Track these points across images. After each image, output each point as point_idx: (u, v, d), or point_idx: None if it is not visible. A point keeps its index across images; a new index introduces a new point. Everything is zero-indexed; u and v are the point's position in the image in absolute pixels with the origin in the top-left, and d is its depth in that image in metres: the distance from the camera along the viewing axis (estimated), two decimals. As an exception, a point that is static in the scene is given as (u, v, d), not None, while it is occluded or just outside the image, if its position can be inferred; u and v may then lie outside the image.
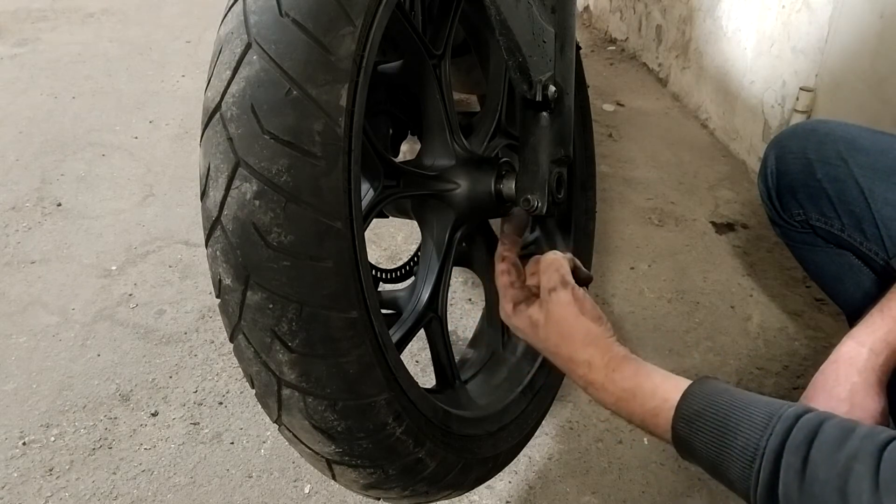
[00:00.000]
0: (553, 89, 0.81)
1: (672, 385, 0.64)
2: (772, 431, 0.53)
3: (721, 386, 0.61)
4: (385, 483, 0.69)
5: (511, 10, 0.74)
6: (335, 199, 0.57)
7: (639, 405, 0.65)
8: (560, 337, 0.72)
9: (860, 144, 0.89)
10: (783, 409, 0.55)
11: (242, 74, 0.56)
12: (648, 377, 0.66)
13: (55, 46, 2.74)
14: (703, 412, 0.59)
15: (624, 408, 0.67)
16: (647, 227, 1.71)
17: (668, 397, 0.62)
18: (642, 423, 0.65)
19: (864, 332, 0.74)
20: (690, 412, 0.60)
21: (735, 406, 0.57)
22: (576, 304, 0.72)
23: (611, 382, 0.67)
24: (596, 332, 0.71)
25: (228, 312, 0.61)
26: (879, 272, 0.89)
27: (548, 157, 0.83)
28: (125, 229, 1.66)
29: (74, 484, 1.06)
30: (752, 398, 0.58)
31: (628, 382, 0.66)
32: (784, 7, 1.77)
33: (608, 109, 2.34)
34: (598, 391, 0.69)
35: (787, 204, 0.97)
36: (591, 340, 0.70)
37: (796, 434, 0.52)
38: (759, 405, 0.57)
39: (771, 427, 0.54)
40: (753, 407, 0.57)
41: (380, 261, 1.57)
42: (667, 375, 0.66)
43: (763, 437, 0.54)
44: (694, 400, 0.61)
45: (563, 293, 0.73)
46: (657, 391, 0.64)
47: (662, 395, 0.63)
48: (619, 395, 0.67)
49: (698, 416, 0.59)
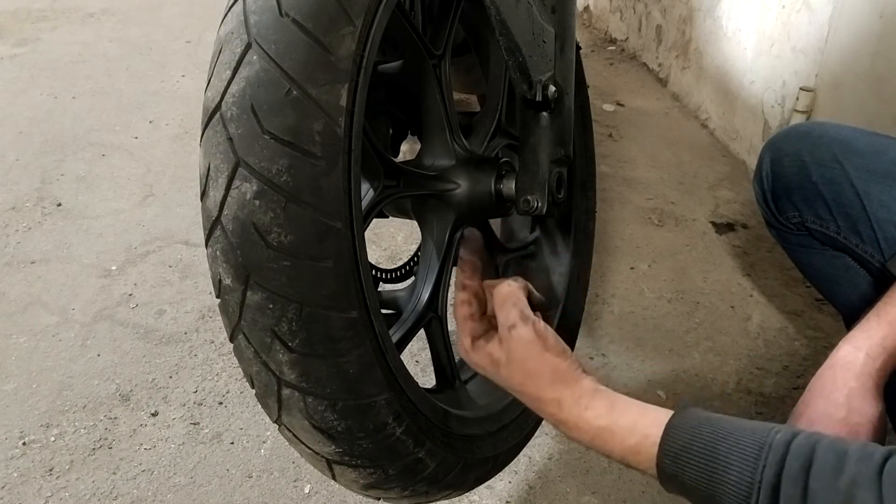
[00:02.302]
0: (553, 89, 0.81)
1: (651, 419, 0.61)
2: (765, 463, 0.52)
3: (702, 415, 0.59)
4: (385, 483, 0.69)
5: (511, 10, 0.74)
6: (335, 199, 0.57)
7: (617, 443, 0.62)
8: (525, 376, 0.68)
9: (855, 146, 0.89)
10: (770, 436, 0.54)
11: (242, 74, 0.56)
12: (624, 413, 0.63)
13: (55, 46, 2.74)
14: (688, 447, 0.57)
15: (601, 446, 0.64)
16: (647, 227, 1.71)
17: (648, 433, 0.60)
18: (622, 460, 0.63)
19: (860, 337, 0.73)
20: (676, 448, 0.58)
21: (721, 438, 0.55)
22: (538, 341, 0.68)
23: (584, 422, 0.64)
24: (562, 368, 0.67)
25: (228, 312, 0.61)
26: (875, 274, 0.89)
27: (548, 157, 0.83)
28: (125, 229, 1.66)
29: (74, 484, 1.06)
30: (737, 426, 0.56)
31: (603, 420, 0.63)
32: (784, 7, 1.77)
33: (608, 109, 2.34)
34: (569, 430, 0.66)
35: (783, 206, 0.97)
36: (558, 378, 0.67)
37: (791, 463, 0.51)
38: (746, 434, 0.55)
39: (763, 458, 0.52)
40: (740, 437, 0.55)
41: (380, 261, 1.57)
42: (643, 408, 0.63)
43: (756, 469, 0.52)
44: (678, 434, 0.58)
45: (524, 330, 0.69)
46: (636, 427, 0.61)
47: (642, 432, 0.60)
48: (594, 433, 0.64)
49: (684, 451, 0.57)
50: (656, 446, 0.59)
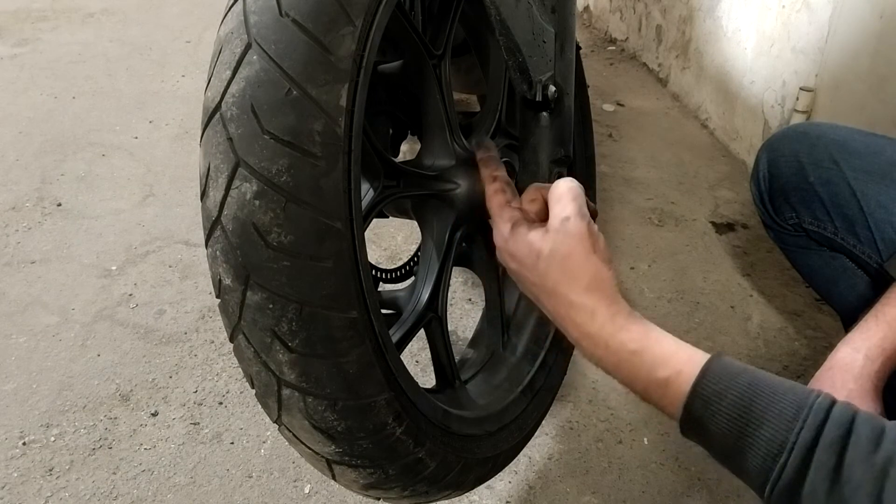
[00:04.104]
0: (553, 89, 0.81)
1: (686, 356, 0.58)
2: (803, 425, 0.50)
3: (738, 365, 0.56)
4: (385, 483, 0.69)
5: (511, 10, 0.74)
6: (335, 199, 0.57)
7: (645, 373, 0.59)
8: (563, 273, 0.63)
9: (852, 147, 0.89)
10: (812, 398, 0.51)
11: (242, 74, 0.56)
12: (659, 342, 0.59)
13: (55, 46, 2.74)
14: (723, 394, 0.54)
15: (626, 371, 0.60)
16: (647, 227, 1.71)
17: (682, 369, 0.57)
18: (644, 391, 0.60)
19: (859, 338, 0.73)
20: (709, 392, 0.54)
21: (759, 391, 0.53)
22: (589, 240, 0.64)
23: (616, 341, 0.60)
24: (605, 276, 0.63)
25: (228, 312, 0.61)
26: (873, 275, 0.89)
27: (548, 156, 0.83)
28: (125, 229, 1.66)
29: (74, 484, 1.06)
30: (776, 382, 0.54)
31: (635, 345, 0.59)
32: (784, 7, 1.77)
33: (608, 109, 2.34)
34: (595, 347, 0.62)
35: (780, 207, 0.97)
36: (598, 285, 0.62)
37: (830, 429, 0.49)
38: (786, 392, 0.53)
39: (802, 419, 0.50)
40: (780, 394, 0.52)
41: (380, 261, 1.57)
42: (679, 343, 0.59)
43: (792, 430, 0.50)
44: (714, 379, 0.55)
45: (579, 223, 0.64)
46: (670, 361, 0.58)
47: (676, 367, 0.57)
48: (622, 356, 0.60)
49: (718, 397, 0.54)
50: (688, 385, 0.56)
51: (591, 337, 0.62)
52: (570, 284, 0.63)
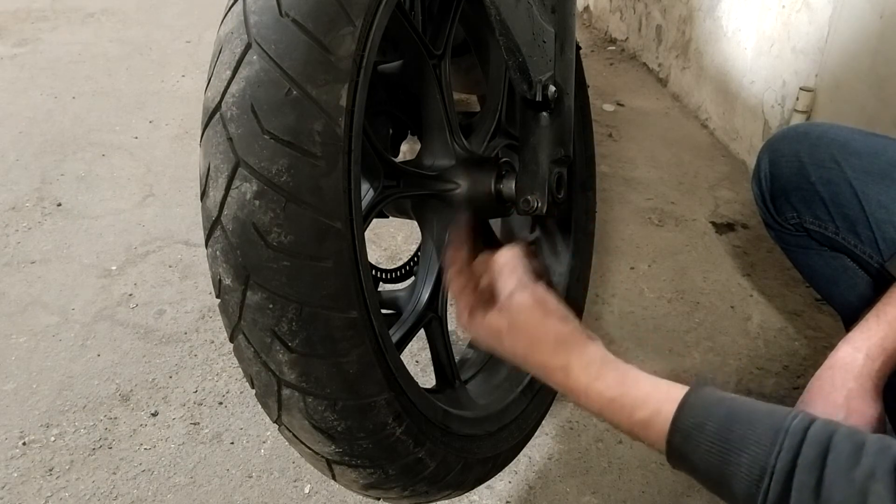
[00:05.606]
0: (553, 89, 0.81)
1: (663, 394, 0.60)
2: (780, 448, 0.51)
3: (717, 394, 0.58)
4: (385, 483, 0.69)
5: (511, 10, 0.74)
6: (335, 199, 0.57)
7: (627, 416, 0.61)
8: (528, 343, 0.67)
9: (853, 147, 0.89)
10: (787, 421, 0.53)
11: (242, 74, 0.56)
12: (636, 385, 0.61)
13: (55, 46, 2.74)
14: (702, 426, 0.56)
15: (609, 416, 0.62)
16: (647, 227, 1.71)
17: (660, 408, 0.58)
18: (630, 432, 0.62)
19: (859, 338, 0.73)
20: (688, 425, 0.56)
21: (736, 419, 0.55)
22: (539, 307, 0.67)
23: (593, 391, 0.63)
24: (566, 333, 0.66)
25: (228, 312, 0.61)
26: (874, 275, 0.89)
27: (548, 157, 0.83)
28: (125, 229, 1.66)
29: (74, 484, 1.06)
30: (753, 408, 0.56)
31: (612, 392, 0.62)
32: (784, 7, 1.77)
33: (608, 109, 2.34)
34: (578, 398, 0.64)
35: (781, 207, 0.97)
36: (563, 343, 0.66)
37: (807, 450, 0.50)
38: (762, 417, 0.54)
39: (779, 443, 0.51)
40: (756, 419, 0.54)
41: (380, 261, 1.57)
42: (655, 382, 0.61)
43: (771, 454, 0.51)
44: (691, 412, 0.57)
45: (523, 295, 0.68)
46: (647, 401, 0.60)
47: (653, 406, 0.59)
48: (602, 403, 0.62)
49: (697, 429, 0.56)
50: (668, 422, 0.57)
51: (572, 391, 0.65)
52: (538, 350, 0.66)
